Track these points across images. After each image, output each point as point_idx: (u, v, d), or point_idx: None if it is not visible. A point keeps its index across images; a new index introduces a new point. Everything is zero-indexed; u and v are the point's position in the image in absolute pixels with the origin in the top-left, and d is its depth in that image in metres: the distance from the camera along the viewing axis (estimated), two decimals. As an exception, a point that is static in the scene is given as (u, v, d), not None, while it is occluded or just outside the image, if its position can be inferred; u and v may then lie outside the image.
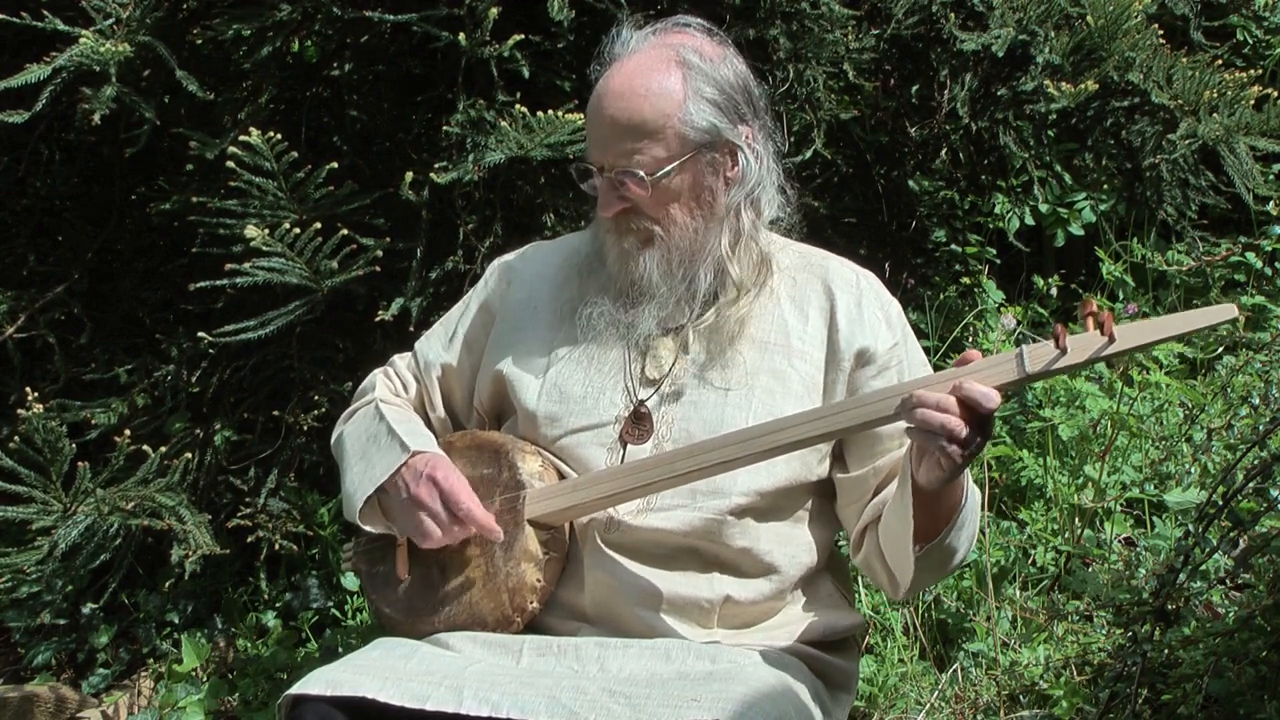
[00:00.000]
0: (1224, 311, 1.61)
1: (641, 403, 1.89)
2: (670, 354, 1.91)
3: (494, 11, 2.51)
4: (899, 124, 3.68)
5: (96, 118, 2.42)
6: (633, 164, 1.82)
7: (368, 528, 1.94)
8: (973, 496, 1.79)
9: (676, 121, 1.82)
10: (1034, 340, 1.68)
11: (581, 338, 1.94)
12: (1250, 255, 4.26)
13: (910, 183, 3.96)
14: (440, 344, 2.07)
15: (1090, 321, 1.63)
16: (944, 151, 3.80)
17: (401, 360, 2.13)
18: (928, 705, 2.68)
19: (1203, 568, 2.16)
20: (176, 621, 3.21)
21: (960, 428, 1.60)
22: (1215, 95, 3.12)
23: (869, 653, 2.86)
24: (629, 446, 1.87)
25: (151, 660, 3.17)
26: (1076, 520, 3.13)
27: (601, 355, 1.93)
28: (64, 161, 3.33)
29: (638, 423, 1.88)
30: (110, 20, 2.49)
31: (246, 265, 2.52)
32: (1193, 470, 3.04)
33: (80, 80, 2.49)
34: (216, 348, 2.96)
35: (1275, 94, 3.19)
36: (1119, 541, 3.07)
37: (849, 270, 1.98)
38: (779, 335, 1.91)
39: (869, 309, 1.93)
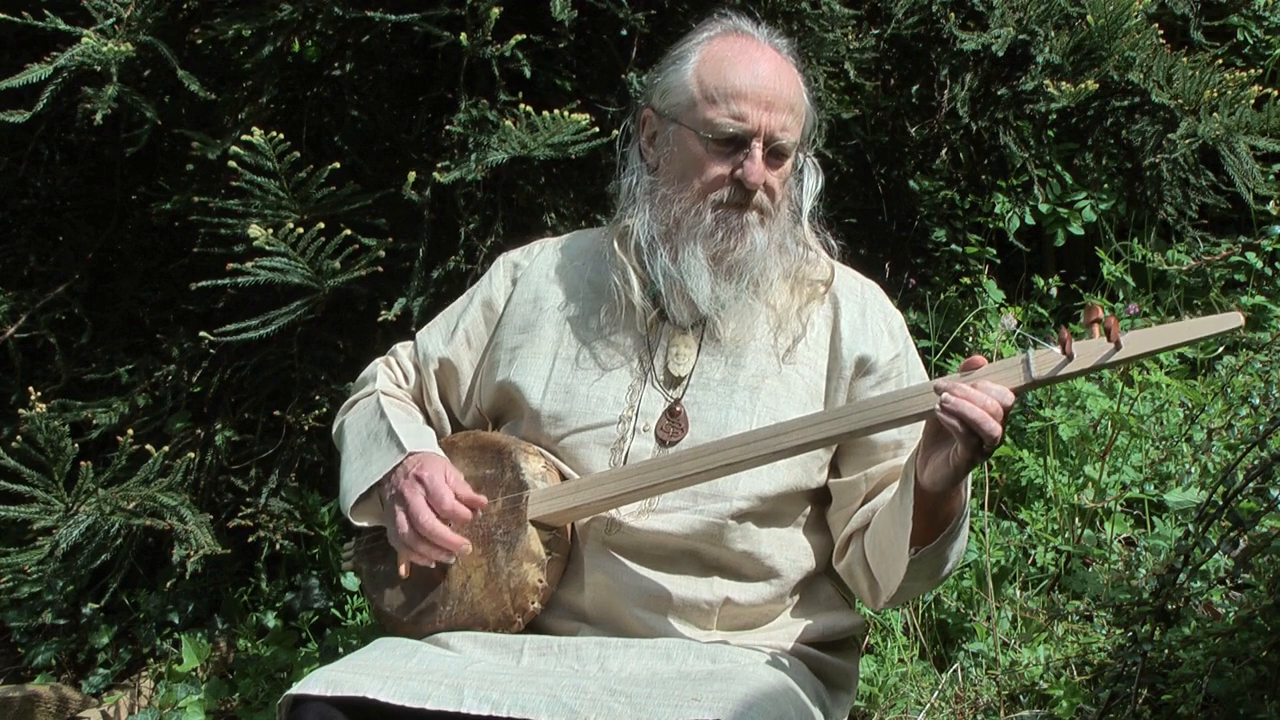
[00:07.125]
0: (1230, 320, 1.62)
1: (677, 400, 1.88)
2: (692, 350, 1.91)
3: (496, 11, 2.51)
4: (899, 124, 3.68)
5: (99, 117, 2.42)
6: (787, 139, 1.84)
7: (359, 523, 1.94)
8: (967, 509, 1.78)
9: (807, 110, 1.88)
10: (1035, 341, 1.67)
11: (588, 337, 1.94)
12: (1250, 255, 4.26)
13: (910, 183, 3.96)
14: (441, 337, 2.06)
15: (1096, 328, 1.62)
16: (944, 151, 3.80)
17: (404, 349, 2.12)
18: (928, 705, 2.68)
19: (1203, 568, 2.16)
20: (177, 621, 3.21)
21: (997, 415, 1.59)
22: (1215, 95, 3.13)
23: (869, 653, 2.86)
24: (669, 446, 1.85)
25: (152, 660, 3.17)
26: (1076, 520, 3.13)
27: (608, 355, 1.92)
28: (64, 161, 3.33)
29: (672, 418, 1.88)
30: (111, 20, 2.49)
31: (249, 265, 2.52)
32: (1193, 470, 3.04)
33: (81, 80, 2.49)
34: (217, 347, 2.96)
35: (1275, 93, 3.20)
36: (1119, 541, 3.07)
37: (854, 280, 1.99)
38: (785, 340, 1.91)
39: (873, 319, 1.94)
